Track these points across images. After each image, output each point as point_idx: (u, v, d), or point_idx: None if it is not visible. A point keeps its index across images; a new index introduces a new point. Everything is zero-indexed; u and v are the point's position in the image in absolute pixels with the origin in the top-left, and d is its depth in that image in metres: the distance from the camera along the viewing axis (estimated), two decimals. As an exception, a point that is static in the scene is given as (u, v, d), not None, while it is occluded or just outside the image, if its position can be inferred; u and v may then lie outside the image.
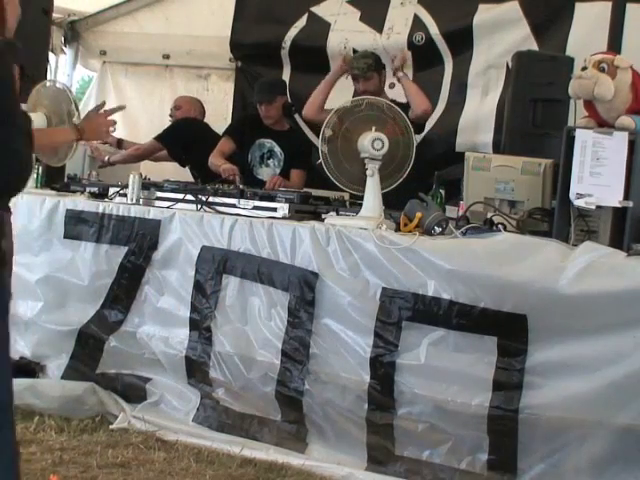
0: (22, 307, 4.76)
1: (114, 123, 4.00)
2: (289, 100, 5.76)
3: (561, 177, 3.83)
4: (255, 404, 4.21)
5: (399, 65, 5.44)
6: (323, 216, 4.34)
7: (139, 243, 4.51)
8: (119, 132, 7.36)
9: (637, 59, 4.07)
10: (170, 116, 6.46)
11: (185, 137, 6.04)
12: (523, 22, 5.76)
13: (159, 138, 6.05)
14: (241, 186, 4.65)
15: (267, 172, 5.67)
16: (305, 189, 5.20)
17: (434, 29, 6.03)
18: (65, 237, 4.71)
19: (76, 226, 4.68)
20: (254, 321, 4.18)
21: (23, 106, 5.11)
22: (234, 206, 4.46)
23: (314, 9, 6.45)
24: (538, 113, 4.71)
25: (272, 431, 4.14)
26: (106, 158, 6.00)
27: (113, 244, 4.58)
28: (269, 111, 5.63)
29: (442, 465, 3.75)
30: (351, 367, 3.88)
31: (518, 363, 3.59)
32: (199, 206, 4.51)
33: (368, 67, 5.42)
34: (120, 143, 6.40)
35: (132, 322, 4.53)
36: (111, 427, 4.33)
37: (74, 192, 5.06)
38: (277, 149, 5.69)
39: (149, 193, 4.71)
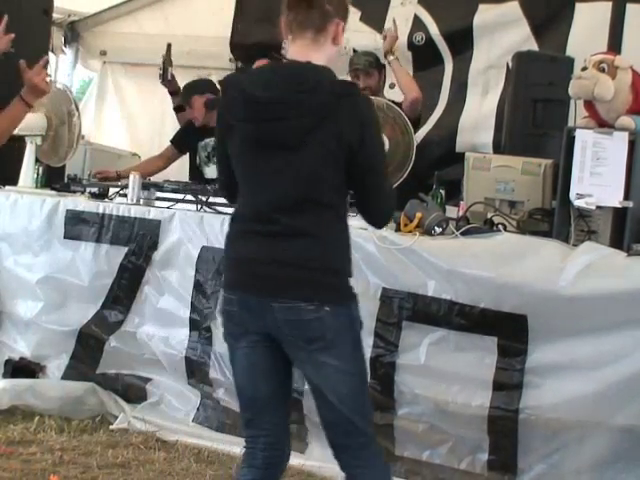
0: (22, 307, 4.76)
1: (46, 74, 4.17)
2: (210, 96, 5.70)
3: (561, 177, 3.83)
4: (255, 404, 4.20)
5: (389, 47, 5.39)
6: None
7: (139, 243, 4.51)
8: (120, 132, 7.44)
9: (637, 59, 4.07)
10: None
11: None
12: (523, 22, 5.76)
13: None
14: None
15: (214, 170, 5.68)
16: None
17: (434, 29, 6.03)
18: (65, 237, 4.70)
19: (76, 226, 4.68)
20: (254, 321, 4.17)
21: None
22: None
23: (314, 9, 6.44)
24: (538, 113, 4.71)
25: (272, 431, 4.14)
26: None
27: (113, 244, 4.58)
28: (192, 113, 5.76)
29: (442, 465, 3.75)
30: (351, 367, 3.88)
31: (518, 363, 3.59)
32: (199, 206, 4.51)
33: (370, 64, 5.42)
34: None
35: (132, 322, 4.53)
36: (111, 427, 4.33)
37: (74, 192, 5.05)
38: None
39: (149, 193, 4.70)
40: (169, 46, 6.15)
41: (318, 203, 2.70)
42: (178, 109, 5.91)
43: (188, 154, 5.94)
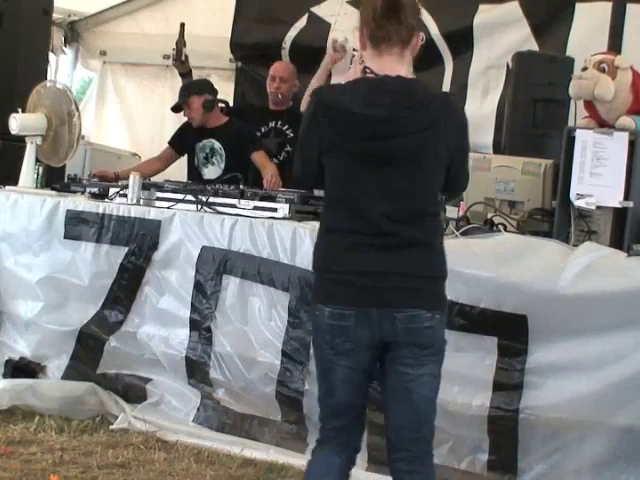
0: (22, 307, 4.76)
1: None
2: (209, 97, 5.71)
3: (561, 177, 3.83)
4: (255, 404, 4.21)
5: None
6: (323, 216, 4.34)
7: (139, 243, 4.51)
8: (120, 132, 7.44)
9: (637, 59, 4.08)
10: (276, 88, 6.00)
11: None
12: (523, 22, 5.77)
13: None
14: (242, 186, 4.66)
15: (213, 170, 5.72)
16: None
17: (434, 29, 6.03)
18: (65, 237, 4.70)
19: (76, 226, 4.67)
20: (254, 321, 4.18)
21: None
22: (234, 206, 4.45)
23: (314, 9, 6.46)
24: (538, 113, 4.71)
25: (272, 431, 4.14)
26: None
27: (113, 244, 4.58)
28: (189, 113, 5.73)
29: (442, 465, 3.73)
30: (351, 367, 3.88)
31: (518, 363, 3.59)
32: (199, 206, 4.51)
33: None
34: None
35: (132, 322, 4.52)
36: (111, 427, 4.33)
37: (74, 192, 5.05)
38: (217, 145, 5.73)
39: (149, 193, 4.70)
40: (182, 26, 6.09)
41: (427, 212, 2.81)
42: (175, 109, 5.91)
43: (186, 155, 5.93)
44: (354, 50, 5.33)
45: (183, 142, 5.86)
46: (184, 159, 5.96)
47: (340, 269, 2.79)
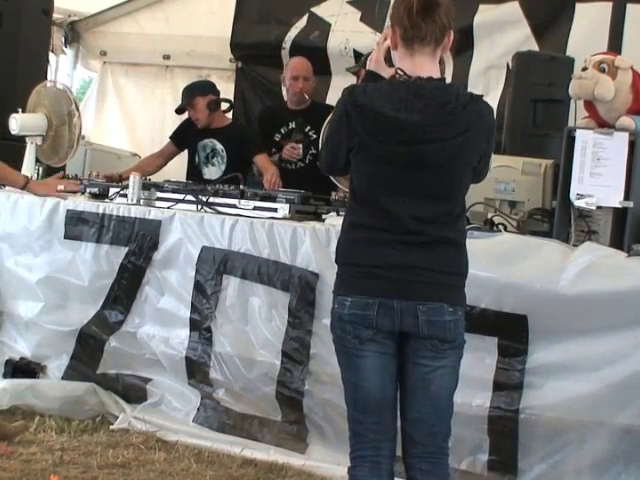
0: (23, 307, 4.77)
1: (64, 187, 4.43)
2: (213, 97, 5.71)
3: (561, 177, 3.83)
4: (255, 405, 4.21)
5: None
6: (324, 216, 4.35)
7: (139, 243, 4.51)
8: (120, 132, 7.44)
9: (637, 59, 4.07)
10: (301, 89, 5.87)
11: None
12: (523, 22, 5.76)
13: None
14: (242, 186, 4.66)
15: (213, 171, 5.72)
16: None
17: (434, 29, 6.01)
18: (65, 237, 4.71)
19: (76, 227, 4.68)
20: (254, 321, 4.18)
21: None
22: (234, 206, 4.46)
23: (314, 9, 6.45)
24: (538, 113, 4.71)
25: (272, 432, 4.15)
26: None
27: (113, 244, 4.58)
28: (195, 114, 5.71)
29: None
30: (351, 367, 3.88)
31: (518, 363, 3.59)
32: (199, 206, 4.51)
33: (362, 65, 5.41)
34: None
35: (132, 322, 4.53)
36: (111, 428, 4.33)
37: (74, 192, 5.05)
38: (219, 146, 5.73)
39: (149, 193, 4.71)
40: (308, 135, 5.77)
41: (455, 213, 2.85)
42: (179, 111, 5.90)
43: (187, 153, 5.92)
44: None
45: (185, 137, 5.86)
46: (185, 157, 5.96)
47: (365, 262, 2.81)
